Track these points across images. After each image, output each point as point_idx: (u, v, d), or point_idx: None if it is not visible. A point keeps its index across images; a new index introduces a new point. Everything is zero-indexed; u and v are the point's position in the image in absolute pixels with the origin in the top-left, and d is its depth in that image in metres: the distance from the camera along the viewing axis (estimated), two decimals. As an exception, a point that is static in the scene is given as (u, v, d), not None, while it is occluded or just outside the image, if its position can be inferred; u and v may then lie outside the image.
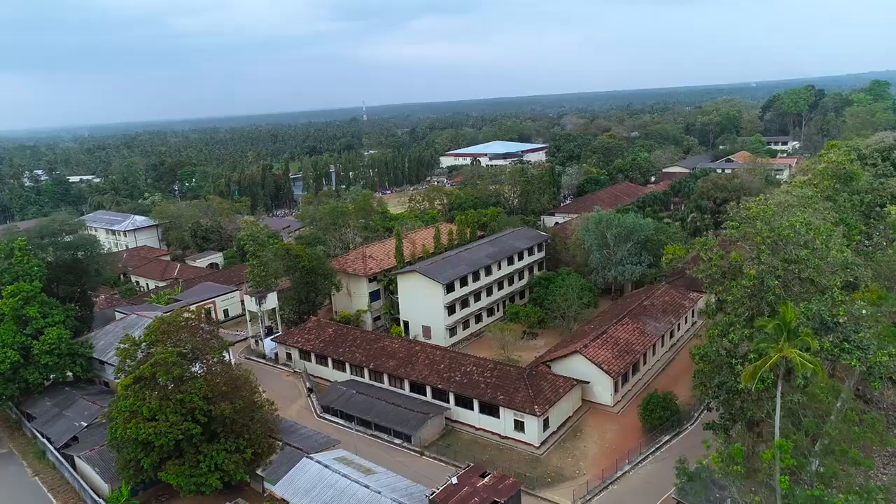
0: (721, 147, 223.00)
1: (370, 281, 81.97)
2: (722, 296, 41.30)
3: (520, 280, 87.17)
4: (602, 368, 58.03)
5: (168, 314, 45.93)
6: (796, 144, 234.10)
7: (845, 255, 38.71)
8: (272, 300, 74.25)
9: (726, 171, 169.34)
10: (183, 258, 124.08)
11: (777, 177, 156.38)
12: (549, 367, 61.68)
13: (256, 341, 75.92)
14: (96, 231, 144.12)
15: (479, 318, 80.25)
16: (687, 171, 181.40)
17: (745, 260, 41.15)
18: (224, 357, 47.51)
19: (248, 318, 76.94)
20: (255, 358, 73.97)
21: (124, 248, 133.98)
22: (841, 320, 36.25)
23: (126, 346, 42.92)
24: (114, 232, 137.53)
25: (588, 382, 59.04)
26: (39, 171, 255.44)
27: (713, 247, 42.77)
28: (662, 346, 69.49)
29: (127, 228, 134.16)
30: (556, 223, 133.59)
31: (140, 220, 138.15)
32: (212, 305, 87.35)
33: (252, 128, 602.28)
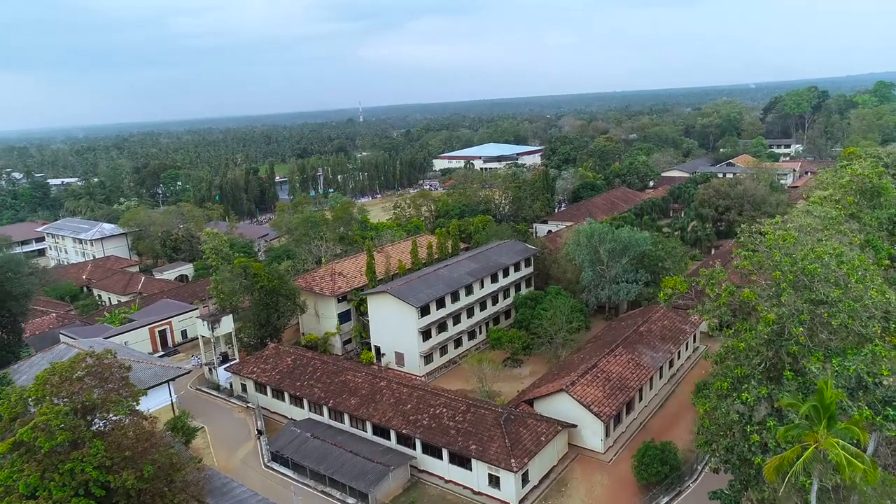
0: (722, 150, 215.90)
1: (339, 301, 74.49)
2: (733, 342, 33.74)
3: (505, 299, 79.67)
4: (591, 411, 50.56)
5: (66, 360, 38.42)
6: (799, 147, 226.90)
7: (888, 297, 31.23)
8: (227, 324, 66.72)
9: (728, 175, 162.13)
10: (150, 270, 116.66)
11: (781, 181, 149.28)
12: (532, 406, 54.29)
13: (210, 370, 68.36)
14: (63, 240, 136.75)
15: (458, 343, 72.75)
16: (687, 175, 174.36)
17: (761, 298, 33.70)
18: (140, 409, 39.91)
19: (201, 344, 69.33)
20: (206, 389, 66.41)
21: (91, 258, 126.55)
22: (886, 381, 28.80)
23: (10, 399, 35.51)
24: (81, 241, 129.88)
25: (575, 426, 51.58)
26: (18, 174, 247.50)
27: (721, 281, 35.23)
28: (660, 377, 62.03)
29: (93, 237, 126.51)
30: (549, 232, 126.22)
31: (108, 228, 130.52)
32: (168, 326, 79.75)
33: (246, 129, 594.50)
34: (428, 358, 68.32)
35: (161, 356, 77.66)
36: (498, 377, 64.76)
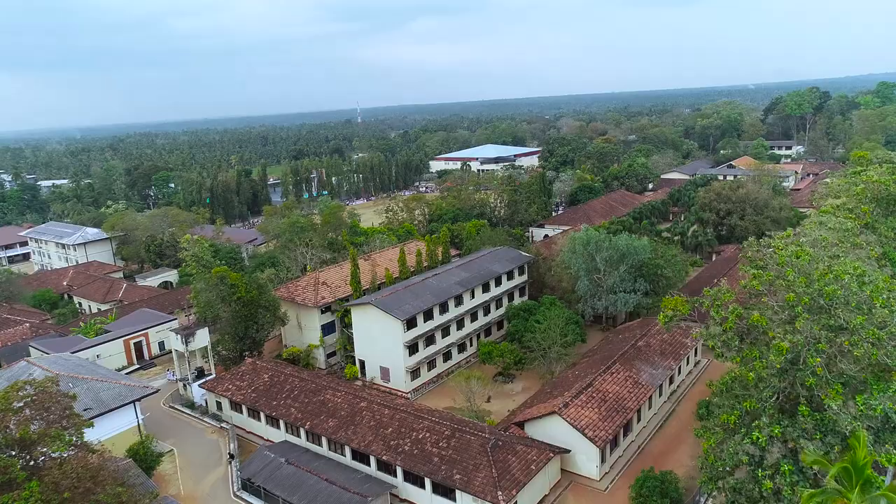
0: (722, 152, 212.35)
1: (323, 312, 70.86)
2: (741, 370, 30.16)
3: (497, 309, 76.04)
4: (585, 435, 46.94)
5: (1, 390, 34.84)
6: (801, 149, 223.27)
7: (919, 324, 27.66)
8: (202, 338, 63.08)
9: (728, 177, 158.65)
10: (133, 276, 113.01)
11: (783, 184, 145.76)
12: (523, 429, 50.72)
13: (185, 386, 64.69)
14: (46, 244, 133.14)
15: (447, 356, 69.10)
16: (687, 177, 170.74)
17: (773, 322, 30.12)
18: (102, 433, 36.31)
19: (175, 359, 65.69)
20: (180, 407, 62.70)
21: (75, 263, 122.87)
22: (917, 423, 25.24)
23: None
24: (63, 246, 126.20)
25: (569, 451, 47.98)
26: (6, 176, 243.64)
27: (728, 302, 31.62)
28: (660, 395, 58.43)
29: (76, 242, 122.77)
30: (546, 236, 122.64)
31: (92, 232, 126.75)
32: (144, 338, 76.13)
33: (244, 130, 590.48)
34: (415, 373, 64.70)
35: (136, 370, 74.24)
36: (488, 394, 61.36)
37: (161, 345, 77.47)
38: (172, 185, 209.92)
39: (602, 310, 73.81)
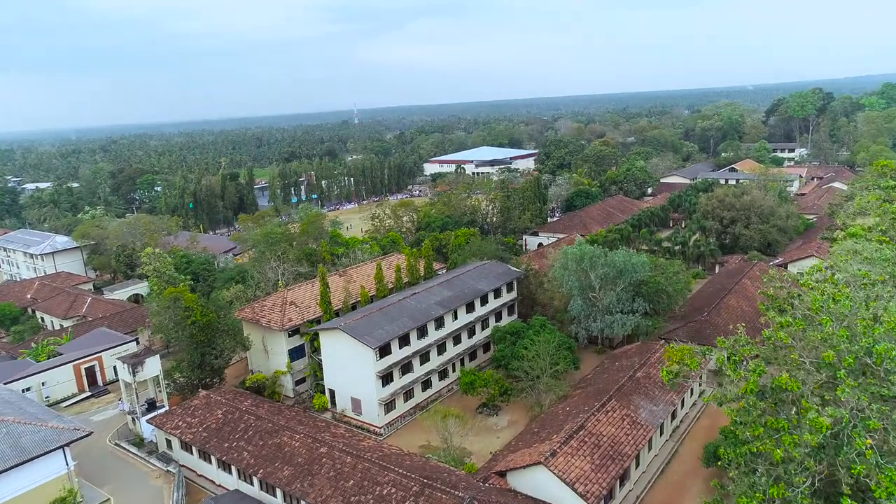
0: (723, 154, 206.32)
1: (291, 335, 64.54)
2: (766, 445, 23.87)
3: (483, 330, 69.78)
4: (576, 490, 40.63)
5: None
6: (804, 152, 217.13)
7: None
8: (153, 366, 56.70)
9: (730, 181, 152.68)
10: (101, 289, 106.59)
11: (788, 189, 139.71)
12: (505, 478, 44.42)
13: (133, 420, 58.29)
14: (14, 253, 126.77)
15: (427, 385, 62.79)
16: (687, 181, 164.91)
17: (806, 386, 23.86)
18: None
19: (122, 389, 59.28)
20: (125, 445, 56.24)
21: (43, 273, 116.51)
22: None
23: None
24: (32, 255, 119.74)
25: (557, 508, 41.67)
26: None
27: (746, 356, 25.34)
28: (661, 434, 52.16)
29: (44, 251, 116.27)
30: (540, 245, 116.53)
31: (62, 241, 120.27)
32: (97, 362, 69.75)
33: (239, 131, 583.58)
34: (389, 405, 58.37)
35: (86, 398, 67.95)
36: (470, 429, 55.06)
37: (115, 369, 70.96)
38: (158, 189, 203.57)
39: (597, 332, 67.58)
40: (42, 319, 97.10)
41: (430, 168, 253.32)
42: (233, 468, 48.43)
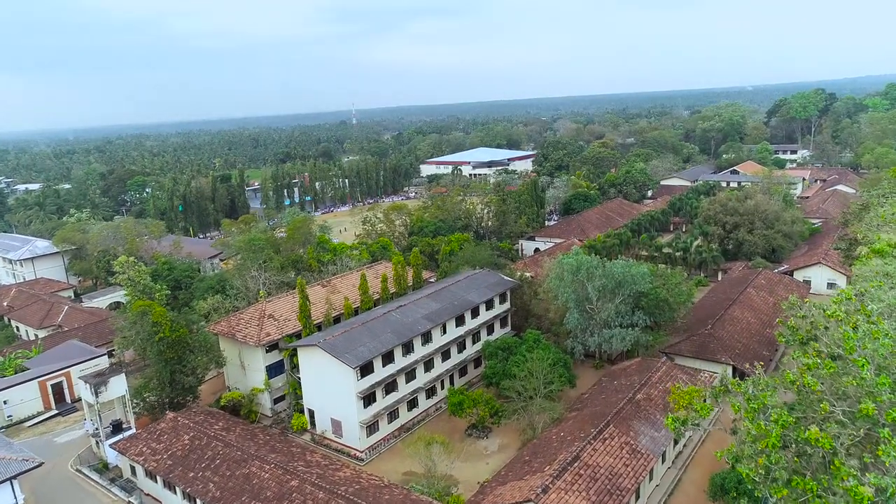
0: (724, 156, 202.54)
1: (269, 350, 60.68)
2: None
3: (475, 344, 65.94)
4: (570, 532, 36.84)
5: None
6: (806, 153, 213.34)
7: None
8: (118, 386, 52.88)
9: (733, 184, 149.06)
10: (80, 296, 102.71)
11: (791, 192, 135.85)
12: (493, 515, 40.60)
13: (98, 443, 54.43)
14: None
15: (413, 404, 58.94)
16: (688, 183, 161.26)
17: (840, 440, 20.03)
18: None
19: (86, 409, 55.42)
20: (87, 472, 52.38)
21: (22, 280, 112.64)
22: None
23: None
24: (10, 261, 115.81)
25: (548, 551, 37.86)
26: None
27: (767, 406, 21.48)
28: (663, 461, 48.38)
29: (23, 257, 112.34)
30: (537, 250, 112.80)
31: (42, 246, 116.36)
32: (64, 378, 65.88)
33: (236, 132, 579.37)
34: (371, 427, 54.52)
35: (53, 416, 64.11)
36: (458, 454, 51.26)
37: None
38: (149, 191, 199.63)
39: (595, 347, 63.76)
40: (17, 329, 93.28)
41: (426, 169, 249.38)
42: (197, 501, 44.57)
